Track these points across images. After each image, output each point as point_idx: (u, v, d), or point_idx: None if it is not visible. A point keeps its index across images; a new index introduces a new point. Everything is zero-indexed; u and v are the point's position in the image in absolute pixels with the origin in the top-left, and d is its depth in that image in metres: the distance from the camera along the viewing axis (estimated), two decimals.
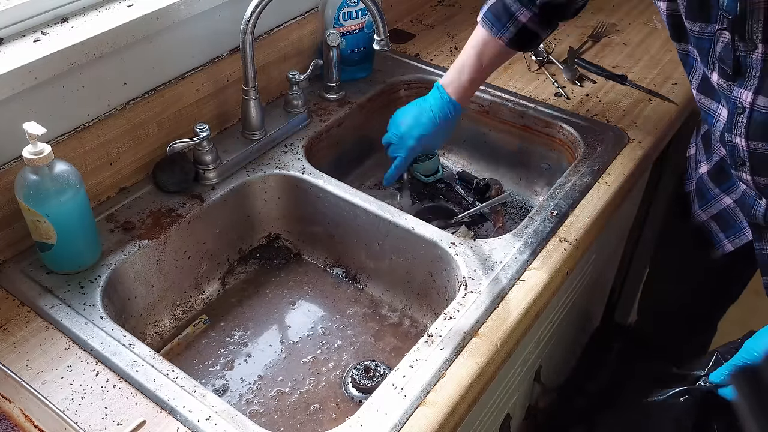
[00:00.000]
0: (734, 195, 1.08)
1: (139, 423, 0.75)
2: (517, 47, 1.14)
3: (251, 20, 1.03)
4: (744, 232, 1.10)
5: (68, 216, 0.89)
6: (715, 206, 1.13)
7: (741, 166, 0.94)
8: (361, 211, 1.07)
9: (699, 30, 0.89)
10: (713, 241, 1.17)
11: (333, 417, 0.96)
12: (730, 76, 0.87)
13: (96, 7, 1.00)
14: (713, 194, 1.12)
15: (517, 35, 1.10)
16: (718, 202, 1.12)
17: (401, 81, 1.37)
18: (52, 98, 0.93)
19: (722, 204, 1.11)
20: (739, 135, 0.90)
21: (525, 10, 1.08)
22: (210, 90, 1.14)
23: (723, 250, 1.15)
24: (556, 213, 1.04)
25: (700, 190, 1.15)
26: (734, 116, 0.90)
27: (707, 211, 1.15)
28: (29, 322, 0.86)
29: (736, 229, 1.11)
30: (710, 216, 1.15)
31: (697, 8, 0.88)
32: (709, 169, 1.12)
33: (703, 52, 0.91)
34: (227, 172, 1.11)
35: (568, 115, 1.25)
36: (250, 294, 1.13)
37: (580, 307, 1.33)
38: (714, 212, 1.14)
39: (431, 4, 1.62)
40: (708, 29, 0.88)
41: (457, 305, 0.89)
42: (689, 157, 1.20)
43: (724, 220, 1.12)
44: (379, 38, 1.03)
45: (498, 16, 1.10)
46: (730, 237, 1.13)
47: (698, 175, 1.15)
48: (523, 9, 1.08)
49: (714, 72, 0.90)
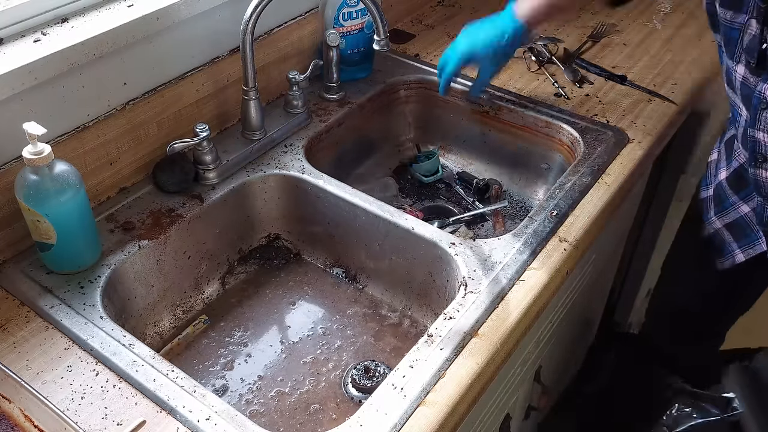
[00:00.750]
0: (752, 203, 1.07)
1: (139, 423, 0.75)
2: None
3: (251, 20, 1.03)
4: (759, 242, 1.08)
5: (68, 216, 0.89)
6: (732, 214, 1.11)
7: (761, 163, 0.92)
8: (361, 211, 1.07)
9: (730, 18, 0.86)
10: (724, 250, 1.15)
11: (333, 417, 0.96)
12: (754, 70, 0.85)
13: (96, 7, 1.00)
14: (731, 201, 1.11)
15: None
16: (736, 209, 1.10)
17: (401, 81, 1.37)
18: (52, 98, 0.93)
19: (739, 212, 1.10)
20: (762, 130, 0.88)
21: None
22: (210, 90, 1.14)
23: (733, 260, 1.14)
24: (556, 213, 1.04)
25: (719, 197, 1.14)
26: (758, 111, 0.88)
27: (723, 218, 1.14)
28: (29, 322, 0.86)
29: (750, 239, 1.10)
30: (725, 224, 1.13)
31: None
32: (728, 175, 1.11)
33: (731, 42, 0.88)
34: (227, 172, 1.11)
35: (568, 115, 1.25)
36: (250, 294, 1.13)
37: (580, 307, 1.33)
38: (729, 220, 1.12)
39: (431, 4, 1.62)
40: (739, 18, 0.85)
41: (457, 305, 0.89)
42: (710, 162, 1.19)
43: (740, 228, 1.11)
44: (379, 38, 1.03)
45: None
46: (743, 247, 1.12)
47: (717, 181, 1.14)
48: None
49: (739, 64, 0.88)
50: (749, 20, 0.83)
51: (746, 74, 0.88)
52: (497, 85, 1.33)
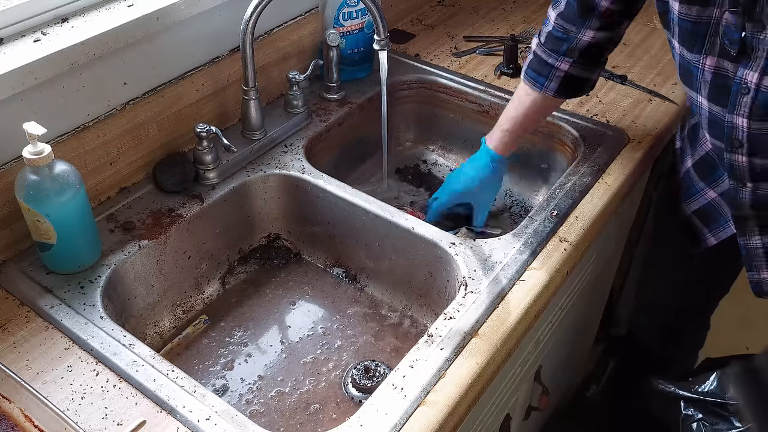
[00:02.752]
0: (719, 188, 1.09)
1: (139, 423, 0.75)
2: (567, 95, 1.10)
3: (251, 20, 1.03)
4: (727, 225, 1.10)
5: (68, 216, 0.89)
6: (700, 200, 1.13)
7: (737, 148, 0.95)
8: (361, 211, 1.07)
9: (696, 14, 0.89)
10: (696, 236, 1.17)
11: (333, 417, 0.96)
12: (734, 58, 0.88)
13: (96, 7, 1.00)
14: (698, 188, 1.13)
15: (562, 85, 1.07)
16: (703, 195, 1.12)
17: (401, 81, 1.37)
18: (52, 98, 0.93)
19: (707, 198, 1.12)
20: (741, 115, 0.91)
21: (564, 58, 1.05)
22: (210, 90, 1.14)
23: (706, 244, 1.16)
24: (556, 213, 1.04)
25: (686, 184, 1.16)
26: (738, 97, 0.90)
27: (690, 205, 1.16)
28: (29, 322, 0.86)
29: (719, 223, 1.12)
30: (693, 210, 1.16)
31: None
32: (693, 163, 1.13)
33: (696, 36, 0.91)
34: (227, 172, 1.11)
35: (568, 115, 1.25)
36: (250, 294, 1.13)
37: (580, 307, 1.33)
38: (697, 207, 1.14)
39: (431, 4, 1.62)
40: (707, 13, 0.88)
41: (457, 305, 0.89)
42: (676, 150, 1.21)
43: (708, 213, 1.13)
44: (379, 38, 1.03)
45: (538, 72, 1.08)
46: (713, 231, 1.14)
47: (685, 168, 1.16)
48: (562, 58, 1.05)
49: (708, 56, 0.90)
50: (725, 11, 0.86)
51: (720, 64, 0.90)
52: (497, 85, 1.33)
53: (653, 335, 1.49)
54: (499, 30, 1.52)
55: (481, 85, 1.34)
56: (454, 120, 1.38)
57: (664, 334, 1.44)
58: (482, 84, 1.34)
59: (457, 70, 1.38)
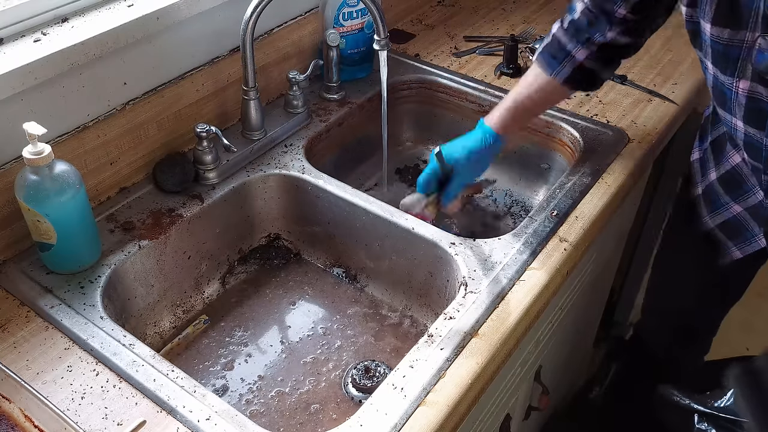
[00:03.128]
0: (746, 203, 1.08)
1: (139, 423, 0.75)
2: (574, 86, 1.08)
3: (251, 20, 1.03)
4: (754, 240, 1.09)
5: (68, 216, 0.89)
6: (725, 213, 1.12)
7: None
8: (361, 211, 1.07)
9: (728, 37, 0.86)
10: (720, 248, 1.16)
11: (333, 417, 0.96)
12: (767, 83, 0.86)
13: (96, 7, 1.00)
14: (723, 201, 1.11)
15: (573, 74, 1.05)
16: (728, 210, 1.11)
17: (401, 81, 1.37)
18: (52, 98, 0.93)
19: (732, 212, 1.10)
20: None
21: (582, 47, 1.03)
22: (210, 90, 1.14)
23: (731, 257, 1.15)
24: (556, 213, 1.04)
25: (709, 197, 1.15)
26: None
27: (715, 219, 1.14)
28: (29, 322, 0.86)
29: (746, 237, 1.10)
30: (718, 224, 1.14)
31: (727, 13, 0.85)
32: (718, 177, 1.11)
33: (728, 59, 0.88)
34: (227, 172, 1.11)
35: (568, 115, 1.25)
36: (250, 294, 1.13)
37: (580, 307, 1.33)
38: (721, 220, 1.13)
39: (431, 4, 1.62)
40: (739, 36, 0.85)
41: (457, 305, 0.89)
42: (693, 162, 1.20)
43: (733, 227, 1.12)
44: (379, 38, 1.03)
45: (553, 55, 1.05)
46: (739, 245, 1.13)
47: (708, 181, 1.15)
48: (581, 47, 1.03)
49: (742, 79, 0.88)
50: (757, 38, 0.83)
51: (754, 88, 0.88)
52: (498, 85, 1.33)
53: (664, 337, 1.47)
54: (499, 30, 1.52)
55: (481, 85, 1.34)
56: (454, 120, 1.38)
57: (680, 334, 1.43)
58: (482, 84, 1.34)
59: (457, 70, 1.38)
